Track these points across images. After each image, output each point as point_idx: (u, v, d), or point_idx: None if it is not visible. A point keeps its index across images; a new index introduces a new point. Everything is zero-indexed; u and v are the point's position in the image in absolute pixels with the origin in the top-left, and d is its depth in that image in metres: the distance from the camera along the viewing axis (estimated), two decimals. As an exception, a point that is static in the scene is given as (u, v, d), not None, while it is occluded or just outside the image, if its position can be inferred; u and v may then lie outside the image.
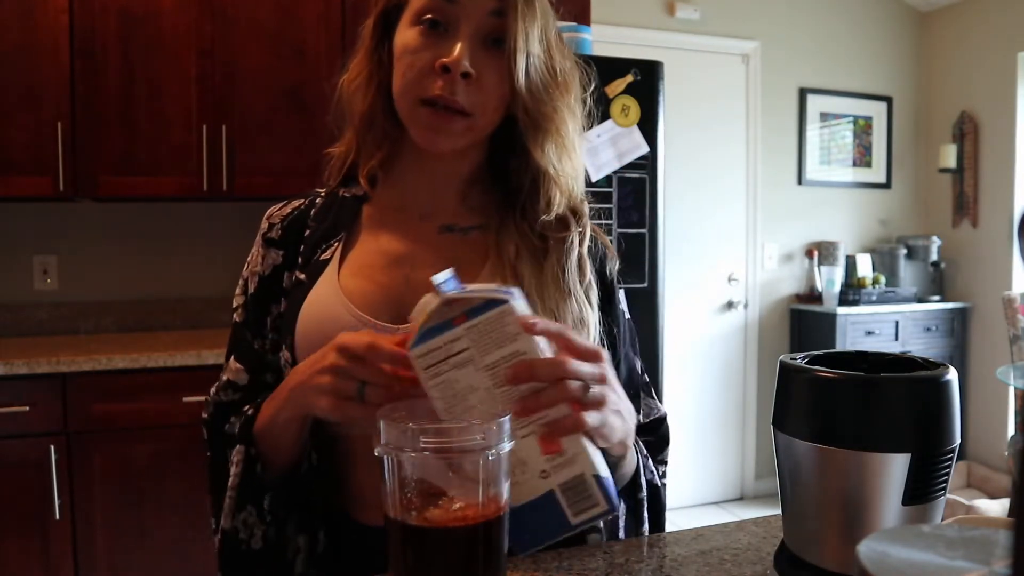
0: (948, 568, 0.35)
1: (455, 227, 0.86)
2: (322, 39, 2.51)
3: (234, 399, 0.85)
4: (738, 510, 3.80)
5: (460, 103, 0.77)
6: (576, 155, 0.85)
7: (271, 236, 0.88)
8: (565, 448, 0.62)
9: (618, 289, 0.91)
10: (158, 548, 2.19)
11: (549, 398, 0.61)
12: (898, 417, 0.58)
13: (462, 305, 0.62)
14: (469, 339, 0.61)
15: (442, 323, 0.61)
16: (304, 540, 0.79)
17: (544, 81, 0.81)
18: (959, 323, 4.03)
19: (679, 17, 3.65)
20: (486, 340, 0.61)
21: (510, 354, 0.61)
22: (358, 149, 0.88)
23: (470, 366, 0.61)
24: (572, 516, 0.63)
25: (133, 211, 2.73)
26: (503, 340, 0.61)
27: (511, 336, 0.61)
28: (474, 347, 0.61)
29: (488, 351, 0.61)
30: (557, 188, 0.84)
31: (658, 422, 0.92)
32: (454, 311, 0.62)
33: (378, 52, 0.83)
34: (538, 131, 0.82)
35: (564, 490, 0.63)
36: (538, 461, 0.62)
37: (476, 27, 0.77)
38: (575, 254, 0.84)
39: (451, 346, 0.61)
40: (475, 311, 0.61)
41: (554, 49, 0.82)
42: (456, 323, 0.61)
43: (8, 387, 2.06)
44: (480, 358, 0.61)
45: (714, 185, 3.83)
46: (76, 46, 2.33)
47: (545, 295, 0.80)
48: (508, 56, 0.78)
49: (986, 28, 3.92)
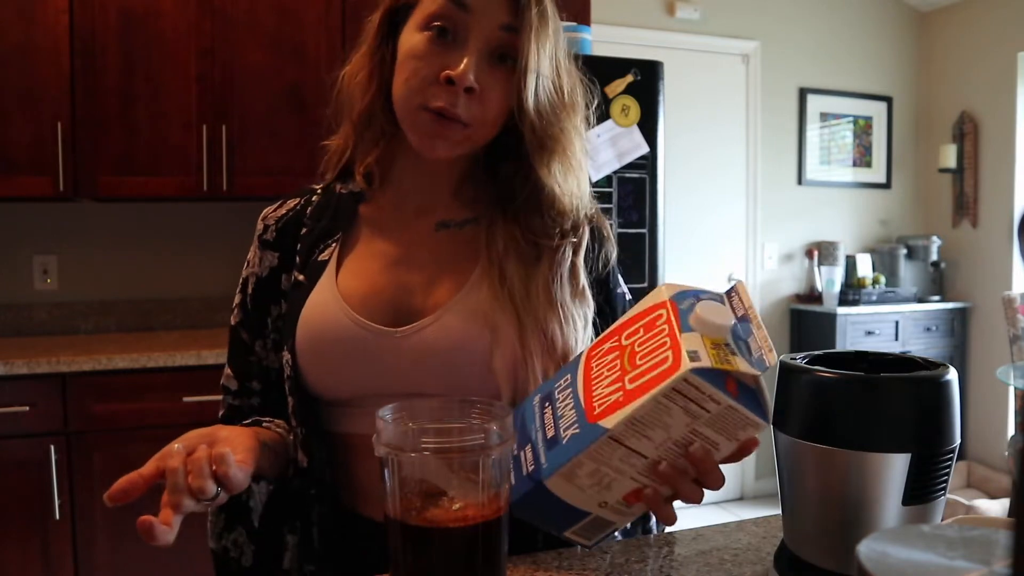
0: (948, 568, 0.35)
1: (450, 222, 0.86)
2: (322, 39, 2.51)
3: (232, 404, 0.88)
4: (738, 510, 3.80)
5: (460, 115, 0.76)
6: (582, 173, 0.85)
7: (266, 238, 0.88)
8: (634, 508, 0.64)
9: (616, 272, 0.91)
10: (158, 548, 2.18)
11: (684, 488, 0.62)
12: (898, 417, 0.58)
13: (747, 382, 0.60)
14: (719, 409, 0.58)
15: (722, 377, 0.58)
16: (293, 540, 0.81)
17: (552, 102, 0.80)
18: (959, 323, 4.02)
19: (679, 17, 3.65)
20: (722, 421, 0.59)
21: (712, 441, 0.60)
22: (355, 145, 0.88)
23: (692, 418, 0.59)
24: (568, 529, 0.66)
25: (133, 211, 2.73)
26: (724, 430, 0.60)
27: (730, 435, 0.60)
28: (712, 414, 0.59)
29: (710, 427, 0.59)
30: (560, 207, 0.83)
31: None
32: (740, 385, 0.59)
33: (381, 50, 0.82)
34: (544, 151, 0.81)
35: (593, 520, 0.65)
36: (614, 498, 0.63)
37: (486, 41, 0.76)
38: (567, 264, 0.83)
39: (707, 402, 0.58)
40: (747, 399, 0.59)
41: (563, 69, 0.82)
42: (729, 389, 0.58)
43: (8, 387, 2.06)
44: (702, 423, 0.59)
45: (714, 185, 3.83)
46: (76, 46, 2.33)
47: (531, 302, 0.79)
48: (518, 75, 0.77)
49: (986, 28, 3.92)
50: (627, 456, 0.60)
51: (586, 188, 0.87)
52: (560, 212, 0.83)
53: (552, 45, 0.79)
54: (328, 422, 0.82)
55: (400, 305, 0.80)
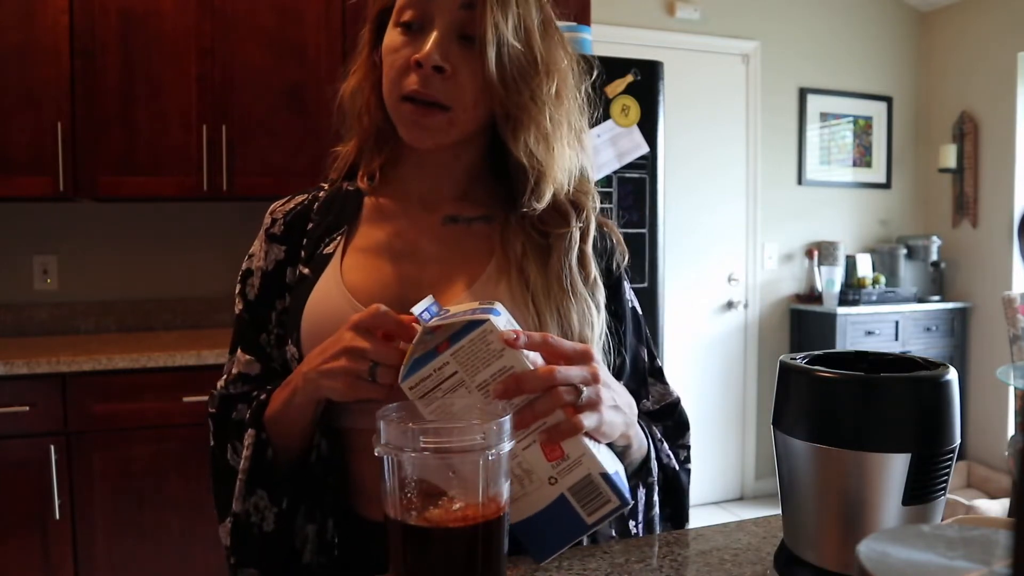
0: (948, 568, 0.35)
1: (460, 218, 0.86)
2: (322, 39, 2.51)
3: (244, 391, 0.85)
4: (738, 510, 3.80)
5: (435, 96, 0.77)
6: (563, 143, 0.83)
7: (273, 232, 0.88)
8: (568, 452, 0.64)
9: (625, 280, 0.92)
10: (158, 548, 2.19)
11: (543, 407, 0.63)
12: (898, 417, 0.58)
13: (444, 332, 0.63)
14: (456, 363, 0.62)
15: (427, 352, 0.63)
16: (313, 530, 0.80)
17: (521, 71, 0.79)
18: (959, 323, 4.02)
19: (679, 17, 3.65)
20: (472, 361, 0.63)
21: (498, 371, 0.63)
22: (360, 152, 0.89)
23: (462, 388, 0.63)
24: (587, 516, 0.65)
25: (133, 211, 2.73)
26: (489, 359, 0.63)
27: (496, 353, 0.63)
28: (462, 370, 0.63)
29: (476, 371, 0.63)
30: (544, 179, 0.82)
31: (672, 406, 0.91)
32: (437, 338, 0.63)
33: (372, 57, 0.85)
34: (512, 122, 0.80)
35: (574, 492, 0.64)
36: (544, 469, 0.63)
37: (449, 22, 0.78)
38: (575, 251, 0.83)
39: (440, 373, 0.62)
40: (457, 335, 0.63)
41: (535, 38, 0.80)
42: (440, 350, 0.63)
43: (8, 387, 2.06)
44: (470, 379, 0.63)
45: (714, 185, 3.83)
46: (76, 46, 2.33)
47: (551, 295, 0.80)
48: (478, 46, 0.77)
49: (986, 28, 3.92)
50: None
51: (575, 160, 0.85)
52: (549, 183, 0.81)
53: (518, 14, 0.79)
54: (331, 417, 0.81)
55: (407, 298, 0.80)
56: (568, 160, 0.84)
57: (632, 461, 0.79)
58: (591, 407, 0.65)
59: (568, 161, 0.84)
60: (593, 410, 0.65)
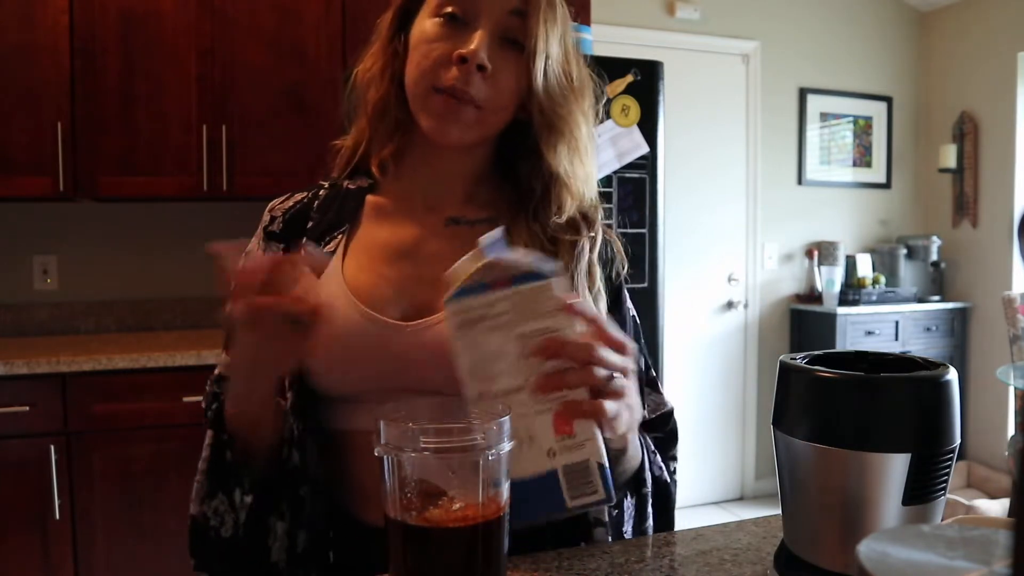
0: (948, 568, 0.35)
1: (462, 219, 0.86)
2: (322, 39, 2.51)
3: None
4: (738, 510, 3.80)
5: (472, 94, 0.77)
6: (589, 160, 0.86)
7: (272, 229, 0.88)
8: (577, 432, 0.63)
9: (624, 289, 0.92)
10: (158, 548, 2.19)
11: (574, 379, 0.62)
12: (898, 417, 0.58)
13: (507, 271, 0.62)
14: (509, 304, 0.62)
15: (482, 284, 0.62)
16: (283, 528, 0.78)
17: (561, 84, 0.82)
18: (959, 323, 4.03)
19: (679, 17, 3.65)
20: (524, 310, 0.62)
21: (544, 328, 0.62)
22: (370, 139, 0.88)
23: (503, 331, 0.62)
24: (569, 499, 0.63)
25: (133, 211, 2.73)
26: (540, 313, 0.62)
27: (549, 311, 0.62)
28: (512, 314, 0.62)
29: (524, 321, 0.62)
30: (568, 192, 0.84)
31: (666, 417, 0.91)
32: (497, 275, 0.62)
33: (394, 44, 0.84)
34: (552, 132, 0.82)
35: (567, 472, 0.63)
36: (548, 439, 0.62)
37: (496, 24, 0.78)
38: (585, 260, 0.84)
39: (489, 309, 0.62)
40: (519, 279, 0.62)
41: (571, 55, 0.84)
42: (497, 287, 0.62)
43: (8, 387, 2.06)
44: (515, 326, 0.62)
45: (714, 185, 3.83)
46: (76, 46, 2.33)
47: None
48: (528, 56, 0.79)
49: (986, 28, 3.92)
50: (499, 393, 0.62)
51: (593, 175, 0.87)
52: (571, 196, 0.84)
53: (560, 30, 0.81)
54: (329, 419, 0.81)
55: (409, 296, 0.79)
56: (591, 176, 0.86)
57: (625, 470, 0.78)
58: (615, 396, 0.64)
59: (591, 177, 0.86)
60: (615, 400, 0.64)
